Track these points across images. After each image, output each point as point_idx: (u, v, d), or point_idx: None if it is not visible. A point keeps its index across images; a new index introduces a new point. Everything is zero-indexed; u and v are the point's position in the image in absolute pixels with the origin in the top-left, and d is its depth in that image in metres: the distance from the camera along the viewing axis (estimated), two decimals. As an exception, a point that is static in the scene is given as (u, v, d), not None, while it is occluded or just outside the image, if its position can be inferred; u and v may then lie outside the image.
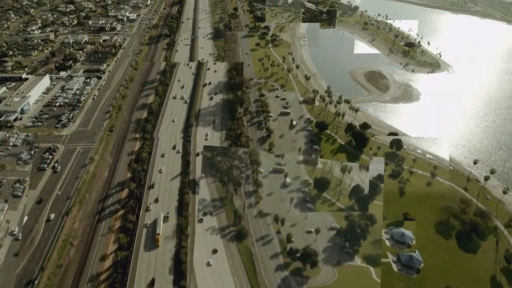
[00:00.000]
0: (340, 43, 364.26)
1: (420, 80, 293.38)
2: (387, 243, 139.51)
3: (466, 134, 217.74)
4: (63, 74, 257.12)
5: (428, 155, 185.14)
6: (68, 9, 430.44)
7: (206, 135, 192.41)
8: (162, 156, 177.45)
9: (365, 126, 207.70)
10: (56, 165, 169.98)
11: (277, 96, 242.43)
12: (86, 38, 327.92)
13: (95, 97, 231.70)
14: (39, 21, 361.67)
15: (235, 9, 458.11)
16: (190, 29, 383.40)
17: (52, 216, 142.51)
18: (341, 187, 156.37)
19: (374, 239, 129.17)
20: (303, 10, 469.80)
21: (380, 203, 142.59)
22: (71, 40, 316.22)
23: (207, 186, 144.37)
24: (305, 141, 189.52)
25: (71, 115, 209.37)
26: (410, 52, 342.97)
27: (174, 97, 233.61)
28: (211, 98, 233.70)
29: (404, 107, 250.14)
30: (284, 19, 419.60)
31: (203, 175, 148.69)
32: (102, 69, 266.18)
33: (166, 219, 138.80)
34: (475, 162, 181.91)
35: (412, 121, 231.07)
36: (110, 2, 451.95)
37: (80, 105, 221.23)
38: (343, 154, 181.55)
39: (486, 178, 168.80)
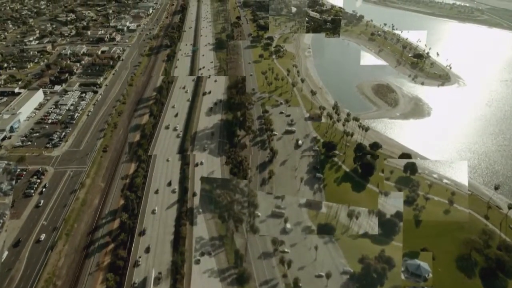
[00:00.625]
0: (346, 54, 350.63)
1: (431, 94, 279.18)
2: (401, 275, 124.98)
3: (483, 155, 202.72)
4: (57, 88, 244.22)
5: (445, 180, 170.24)
6: (68, 18, 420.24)
7: (201, 163, 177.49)
8: (156, 192, 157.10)
9: (375, 146, 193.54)
10: (43, 190, 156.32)
11: (281, 112, 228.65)
12: (84, 49, 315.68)
13: (90, 113, 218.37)
14: (37, 32, 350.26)
15: (238, 18, 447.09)
16: (192, 39, 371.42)
17: (35, 251, 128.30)
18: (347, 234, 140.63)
19: (392, 286, 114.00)
20: (307, 19, 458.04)
21: (399, 244, 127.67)
22: (69, 52, 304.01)
23: (205, 222, 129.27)
24: (307, 169, 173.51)
25: (63, 133, 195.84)
26: (418, 63, 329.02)
27: (167, 127, 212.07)
28: (210, 113, 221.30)
29: (415, 124, 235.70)
30: (288, 29, 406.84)
31: (200, 210, 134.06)
32: (98, 82, 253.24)
33: (157, 280, 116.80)
34: (496, 188, 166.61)
35: (425, 139, 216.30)
36: (111, 11, 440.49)
37: (74, 122, 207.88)
38: (348, 184, 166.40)
39: (510, 206, 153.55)
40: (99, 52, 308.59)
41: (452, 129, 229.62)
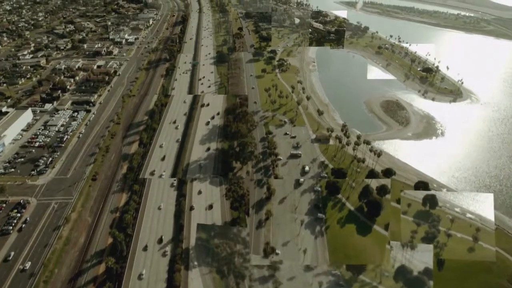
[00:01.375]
0: (352, 67, 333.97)
1: (443, 111, 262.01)
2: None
3: (505, 179, 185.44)
4: (48, 106, 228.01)
5: (468, 214, 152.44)
6: (67, 29, 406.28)
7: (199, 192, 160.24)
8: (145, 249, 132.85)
9: (388, 172, 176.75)
10: (23, 226, 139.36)
11: (286, 133, 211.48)
12: (80, 63, 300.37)
13: (80, 135, 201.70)
14: (32, 45, 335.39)
15: (240, 29, 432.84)
16: (192, 51, 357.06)
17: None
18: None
19: None
20: (310, 30, 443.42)
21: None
22: (63, 66, 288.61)
23: (201, 277, 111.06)
24: (308, 208, 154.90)
25: (51, 159, 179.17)
26: (428, 78, 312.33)
27: (161, 146, 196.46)
28: (208, 149, 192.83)
29: (429, 145, 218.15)
30: (291, 41, 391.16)
31: (196, 263, 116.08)
32: (92, 100, 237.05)
33: None
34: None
35: (440, 162, 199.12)
36: (109, 23, 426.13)
37: (63, 145, 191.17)
38: (352, 225, 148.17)
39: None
40: (95, 67, 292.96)
41: (469, 150, 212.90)
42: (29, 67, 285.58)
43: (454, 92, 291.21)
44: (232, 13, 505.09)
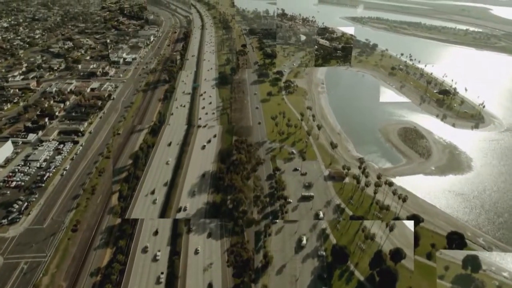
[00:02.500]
0: (363, 89, 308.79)
1: (465, 139, 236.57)
2: None
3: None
4: (32, 137, 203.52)
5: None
6: (66, 46, 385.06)
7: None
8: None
9: (415, 219, 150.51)
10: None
11: (295, 169, 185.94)
12: (73, 85, 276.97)
13: (64, 172, 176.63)
14: (24, 65, 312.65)
15: (244, 45, 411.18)
16: (194, 69, 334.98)
17: None
18: None
19: None
20: (316, 46, 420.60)
21: None
22: (54, 89, 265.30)
23: None
24: (311, 279, 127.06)
25: (26, 203, 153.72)
26: (445, 100, 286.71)
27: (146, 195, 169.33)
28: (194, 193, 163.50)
29: (457, 182, 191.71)
30: (298, 59, 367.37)
31: None
32: (81, 129, 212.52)
33: None
34: None
35: (472, 204, 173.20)
36: (108, 41, 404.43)
37: (43, 185, 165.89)
38: None
39: None
40: (88, 90, 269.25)
41: (502, 186, 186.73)
42: (17, 90, 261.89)
43: (475, 117, 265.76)
44: (236, 29, 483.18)
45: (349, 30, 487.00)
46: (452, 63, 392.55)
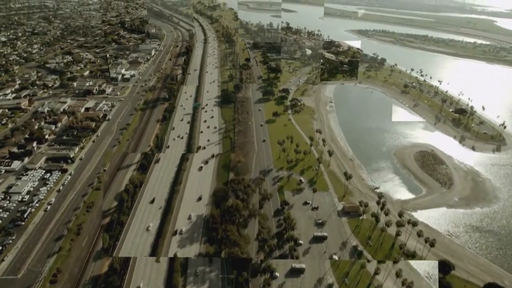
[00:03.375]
0: (374, 108, 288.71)
1: (488, 164, 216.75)
2: None
3: None
4: (16, 165, 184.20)
5: None
6: (65, 61, 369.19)
7: None
8: None
9: (446, 267, 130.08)
10: None
11: (306, 203, 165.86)
12: (67, 104, 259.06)
13: (49, 207, 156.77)
14: (18, 82, 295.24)
15: (247, 59, 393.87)
16: (196, 83, 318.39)
17: None
18: None
19: None
20: (322, 60, 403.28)
21: None
22: (46, 109, 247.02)
23: None
24: None
25: (1, 247, 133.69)
26: (461, 120, 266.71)
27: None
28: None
29: (485, 215, 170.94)
30: (304, 75, 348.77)
31: None
32: (71, 156, 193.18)
33: None
34: None
35: (505, 244, 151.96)
36: (108, 55, 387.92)
37: (23, 224, 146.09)
38: None
39: None
40: (82, 110, 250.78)
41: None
42: (6, 110, 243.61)
43: (495, 138, 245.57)
44: (239, 43, 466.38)
45: (356, 43, 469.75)
46: (464, 78, 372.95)
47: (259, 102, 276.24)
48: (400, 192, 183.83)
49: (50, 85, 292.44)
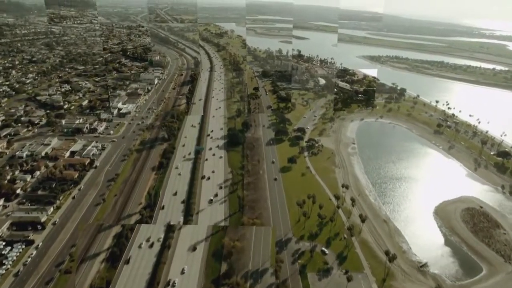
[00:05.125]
0: (402, 150, 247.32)
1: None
2: None
3: None
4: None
5: None
6: (63, 90, 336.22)
7: None
8: None
9: None
10: None
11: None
12: (51, 146, 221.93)
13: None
14: (1, 118, 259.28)
15: (256, 88, 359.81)
16: (201, 113, 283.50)
17: None
18: None
19: None
20: (335, 90, 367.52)
21: None
22: (25, 153, 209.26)
23: None
24: None
25: None
26: (505, 164, 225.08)
27: None
28: None
29: None
30: (319, 109, 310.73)
31: None
32: (42, 220, 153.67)
33: None
34: None
35: None
36: (107, 85, 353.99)
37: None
38: None
39: None
40: (67, 154, 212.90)
41: None
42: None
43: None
44: (247, 71, 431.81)
45: (372, 72, 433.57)
46: (495, 110, 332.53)
47: (271, 143, 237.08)
48: (454, 271, 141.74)
49: (36, 122, 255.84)
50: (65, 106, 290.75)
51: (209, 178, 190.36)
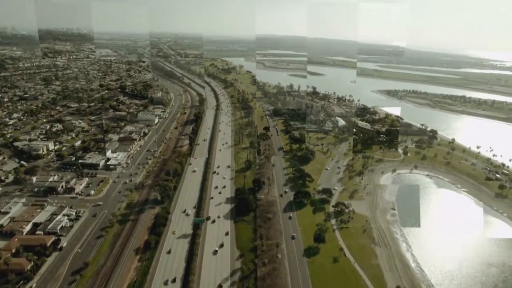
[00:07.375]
0: (453, 216, 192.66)
1: None
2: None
3: None
4: None
5: None
6: (54, 129, 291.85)
7: None
8: None
9: None
10: None
11: None
12: (11, 213, 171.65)
13: None
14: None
15: (266, 128, 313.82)
16: (205, 157, 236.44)
17: None
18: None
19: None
20: (354, 130, 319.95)
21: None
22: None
23: None
24: None
25: None
26: None
27: None
28: None
29: None
30: (342, 157, 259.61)
31: None
32: None
33: None
34: None
35: None
36: (101, 126, 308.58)
37: None
38: None
39: None
40: (28, 227, 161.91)
41: None
42: None
43: None
44: (257, 109, 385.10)
45: (395, 110, 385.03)
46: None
47: (289, 209, 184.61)
48: None
49: (1, 178, 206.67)
50: (51, 148, 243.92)
51: (211, 266, 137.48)
